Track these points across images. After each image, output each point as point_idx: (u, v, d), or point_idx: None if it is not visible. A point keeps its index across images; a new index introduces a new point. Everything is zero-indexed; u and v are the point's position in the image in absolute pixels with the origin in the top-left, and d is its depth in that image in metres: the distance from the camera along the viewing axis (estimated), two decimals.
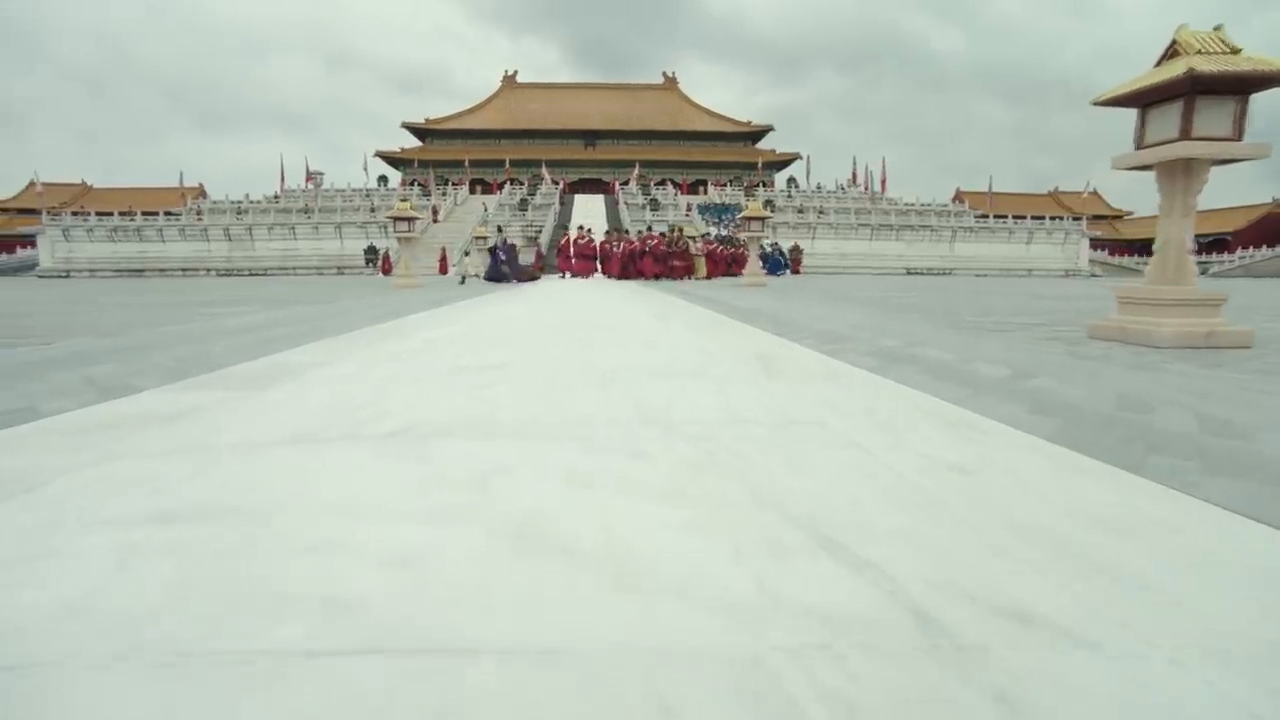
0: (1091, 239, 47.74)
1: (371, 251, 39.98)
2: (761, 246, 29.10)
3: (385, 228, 43.27)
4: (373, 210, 46.04)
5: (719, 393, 2.35)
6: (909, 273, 41.30)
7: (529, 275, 19.26)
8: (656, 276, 19.58)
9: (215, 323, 5.28)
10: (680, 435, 1.78)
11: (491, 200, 48.33)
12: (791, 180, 57.94)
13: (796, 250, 36.38)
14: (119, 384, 2.75)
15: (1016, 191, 68.48)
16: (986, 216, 47.80)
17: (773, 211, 44.45)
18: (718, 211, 43.49)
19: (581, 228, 23.26)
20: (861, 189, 54.93)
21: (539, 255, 22.39)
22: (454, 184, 60.74)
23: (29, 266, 47.27)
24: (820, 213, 45.51)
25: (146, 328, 5.09)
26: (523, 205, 46.38)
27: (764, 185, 62.31)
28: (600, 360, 3.09)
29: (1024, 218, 47.59)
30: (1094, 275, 43.92)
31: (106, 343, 4.11)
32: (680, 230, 22.98)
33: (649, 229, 25.23)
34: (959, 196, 59.29)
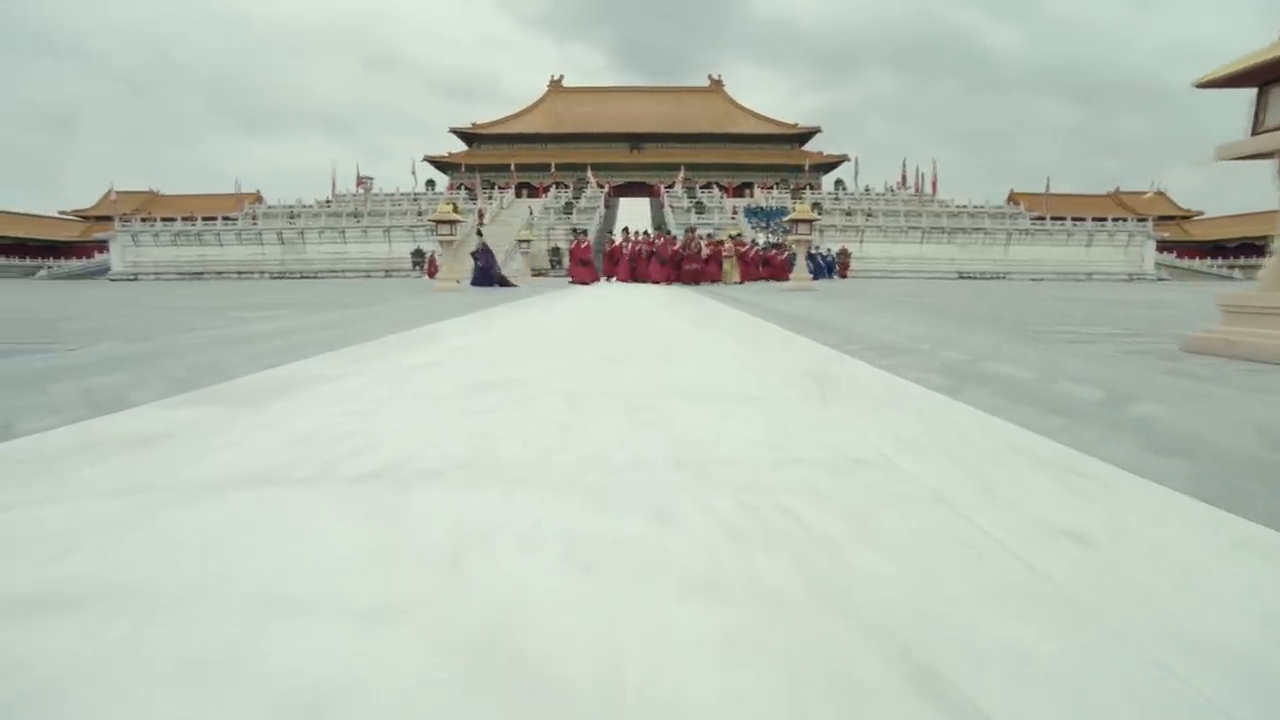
0: (1158, 241, 45.49)
1: (418, 255, 40.56)
2: (753, 242, 27.91)
3: (431, 231, 43.97)
4: (420, 214, 46.77)
5: (765, 421, 1.99)
6: (961, 277, 39.95)
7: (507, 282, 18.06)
8: (667, 282, 18.57)
9: (245, 328, 5.13)
10: (717, 483, 1.44)
11: (537, 204, 48.61)
12: (839, 183, 56.90)
13: (844, 254, 35.55)
14: (116, 397, 2.53)
15: (1075, 192, 65.65)
16: (1043, 218, 46.01)
17: (820, 214, 43.68)
18: (765, 216, 42.30)
19: (576, 231, 22.50)
20: (911, 191, 53.49)
21: (582, 258, 20.98)
22: (500, 188, 61.47)
23: (104, 270, 49.57)
24: (869, 215, 44.47)
25: (174, 333, 4.96)
26: (568, 209, 46.52)
27: (811, 188, 61.33)
28: (632, 377, 2.76)
29: (1084, 219, 45.66)
30: (1160, 279, 41.84)
31: (127, 349, 3.95)
32: (694, 231, 21.80)
33: (687, 230, 23.96)
34: (1013, 198, 57.32)
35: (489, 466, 1.54)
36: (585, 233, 22.42)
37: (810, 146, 71.05)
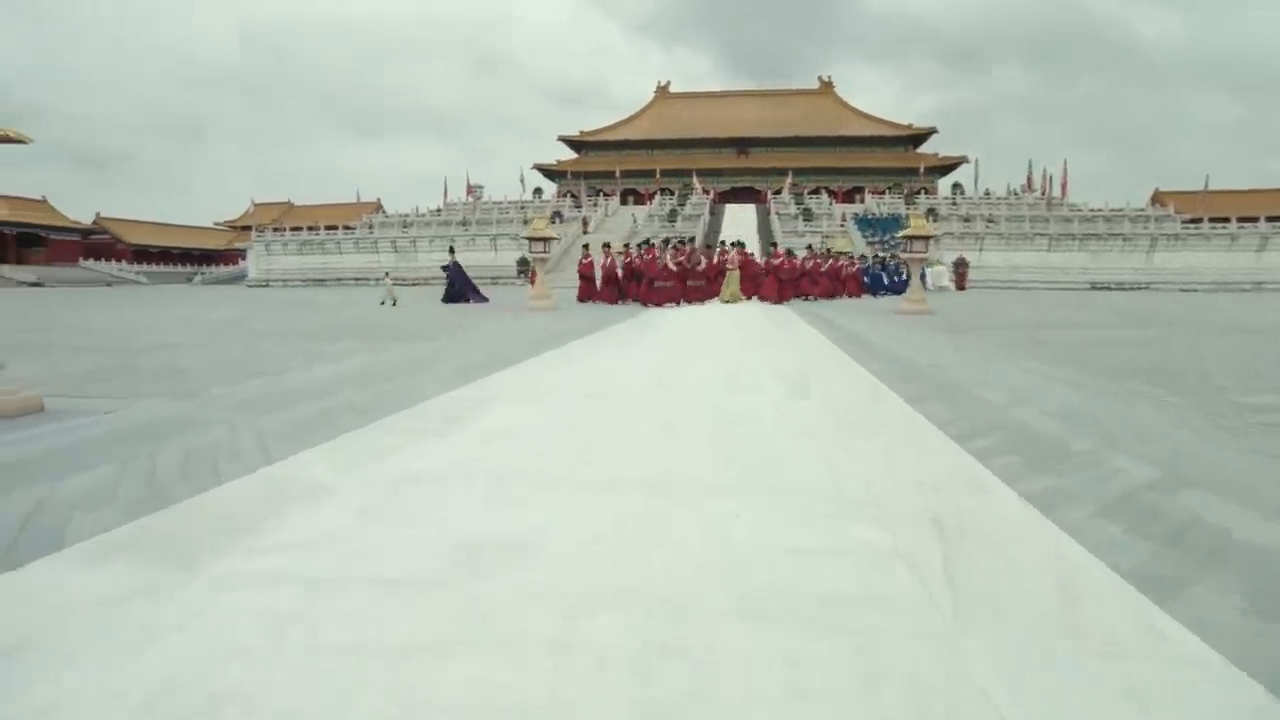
0: None
1: (523, 263, 41.25)
2: (861, 257, 25.41)
3: (553, 219, 44.78)
4: (525, 223, 47.71)
5: (858, 664, 1.26)
6: (1093, 288, 36.29)
7: (481, 297, 16.87)
8: (656, 303, 14.92)
9: (293, 378, 4.82)
10: None
11: (641, 211, 48.49)
12: (957, 186, 53.48)
13: (961, 263, 33.03)
14: (51, 529, 2.05)
15: (1238, 189, 58.17)
16: (1198, 221, 41.12)
17: (935, 220, 40.98)
18: (879, 227, 39.60)
19: (603, 246, 18.23)
20: (1038, 194, 49.39)
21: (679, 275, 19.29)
22: (606, 194, 61.97)
23: (244, 276, 53.91)
24: (989, 221, 41.29)
25: (228, 380, 4.72)
26: (672, 216, 46.07)
27: (925, 192, 58.03)
28: (672, 531, 2.08)
29: (1255, 219, 40.40)
30: None
31: (152, 415, 3.67)
32: (690, 241, 19.49)
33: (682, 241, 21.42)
34: (1158, 198, 51.72)
35: None
36: (586, 246, 18.51)
37: (926, 148, 67.35)
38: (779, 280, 17.32)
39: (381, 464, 2.66)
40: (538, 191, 61.61)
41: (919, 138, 67.14)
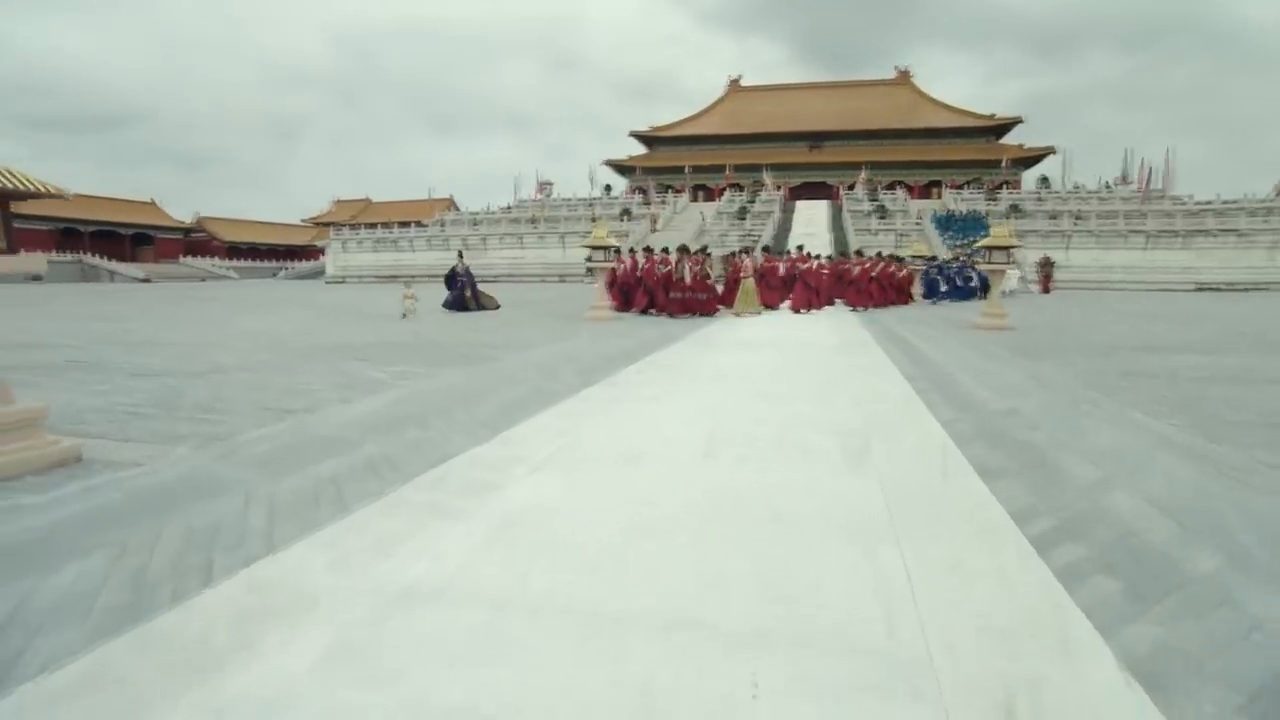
0: None
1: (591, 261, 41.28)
2: (904, 260, 22.74)
3: (612, 229, 44.78)
4: (593, 220, 47.82)
5: None
6: (1199, 289, 33.59)
7: (494, 304, 16.03)
8: (667, 312, 14.12)
9: (324, 418, 4.71)
10: None
11: (709, 209, 47.83)
12: (1043, 180, 50.51)
13: (1046, 264, 31.13)
14: (5, 659, 1.87)
15: None
16: None
17: (1018, 217, 38.78)
18: (960, 228, 36.96)
19: (631, 251, 16.98)
20: (1134, 187, 46.03)
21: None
22: (675, 191, 61.54)
23: (323, 272, 56.22)
24: (1078, 218, 38.75)
25: (264, 419, 4.66)
26: (741, 214, 45.30)
27: (1008, 185, 55.09)
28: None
29: None
30: None
31: (176, 473, 3.59)
32: (704, 250, 16.57)
33: (795, 249, 18.52)
34: None
35: None
36: (618, 250, 17.02)
37: (1009, 139, 63.98)
38: (806, 287, 15.80)
39: (377, 567, 2.43)
40: (607, 188, 61.71)
41: (1002, 128, 63.85)
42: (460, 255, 16.80)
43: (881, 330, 11.23)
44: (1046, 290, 28.76)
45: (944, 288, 21.99)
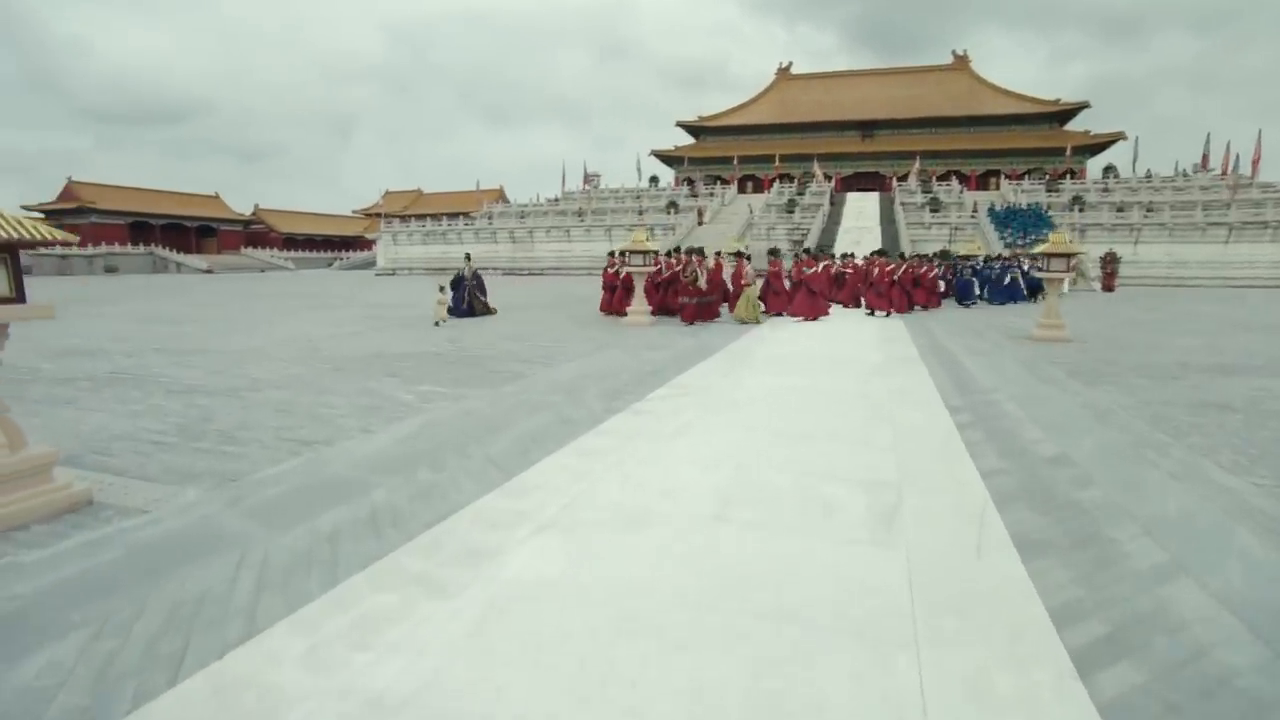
0: None
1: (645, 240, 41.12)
2: (937, 257, 20.80)
3: (651, 230, 44.59)
4: (640, 213, 47.63)
5: None
6: None
7: (486, 309, 15.09)
8: (682, 318, 13.55)
9: (341, 451, 4.65)
10: None
11: (758, 201, 47.06)
12: (1109, 169, 48.00)
13: (1110, 259, 29.50)
14: None
15: None
16: None
17: (1081, 210, 37.00)
18: (1020, 224, 34.66)
19: (612, 254, 16.08)
20: (1217, 172, 43.33)
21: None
22: (724, 182, 60.78)
23: (373, 263, 57.49)
24: (1148, 210, 36.62)
25: (274, 456, 4.62)
26: (790, 207, 44.43)
27: (1072, 175, 52.67)
28: None
29: None
30: None
31: (181, 523, 3.55)
32: (697, 252, 15.23)
33: (808, 251, 17.21)
34: None
35: None
36: (613, 253, 16.19)
37: (1075, 125, 61.11)
38: (810, 293, 14.52)
39: (352, 661, 2.29)
40: (654, 180, 61.30)
41: (1066, 114, 60.99)
42: (467, 258, 15.97)
43: (929, 342, 10.74)
44: (1110, 288, 27.26)
45: (979, 290, 20.46)
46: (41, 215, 64.87)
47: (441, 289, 14.12)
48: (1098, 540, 3.19)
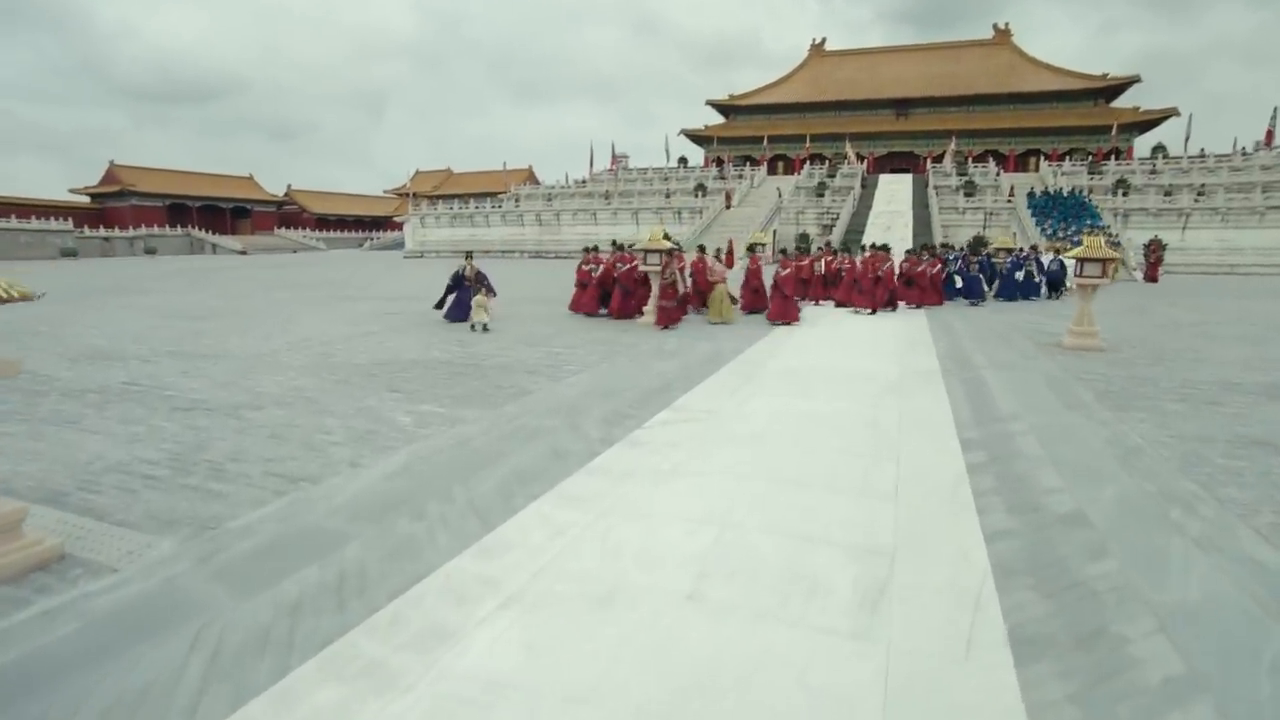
0: None
1: (664, 239, 40.70)
2: (930, 249, 19.03)
3: (679, 213, 44.13)
4: (667, 196, 47.12)
5: None
6: None
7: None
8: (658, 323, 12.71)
9: (322, 494, 4.56)
10: None
11: (788, 183, 46.18)
12: (1159, 149, 45.98)
13: (1155, 246, 28.32)
14: None
15: None
16: None
17: (1125, 194, 35.56)
18: (1062, 213, 32.50)
19: (588, 249, 15.59)
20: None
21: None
22: (754, 163, 59.74)
23: (403, 244, 58.01)
24: (1199, 193, 35.01)
25: (257, 496, 4.55)
26: (820, 190, 43.53)
27: (1116, 155, 50.63)
28: None
29: None
30: None
31: (142, 589, 3.50)
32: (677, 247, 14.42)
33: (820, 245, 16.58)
34: None
35: None
36: (595, 249, 15.83)
37: (1122, 102, 58.65)
38: (782, 296, 13.72)
39: None
40: (683, 160, 60.56)
41: (1114, 90, 58.55)
42: (469, 257, 14.09)
43: (951, 350, 10.35)
44: (1153, 279, 26.12)
45: (961, 285, 18.11)
46: (88, 198, 66.52)
47: (484, 289, 12.79)
48: (1105, 638, 2.93)
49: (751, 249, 17.79)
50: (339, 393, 7.46)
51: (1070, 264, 18.96)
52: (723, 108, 69.69)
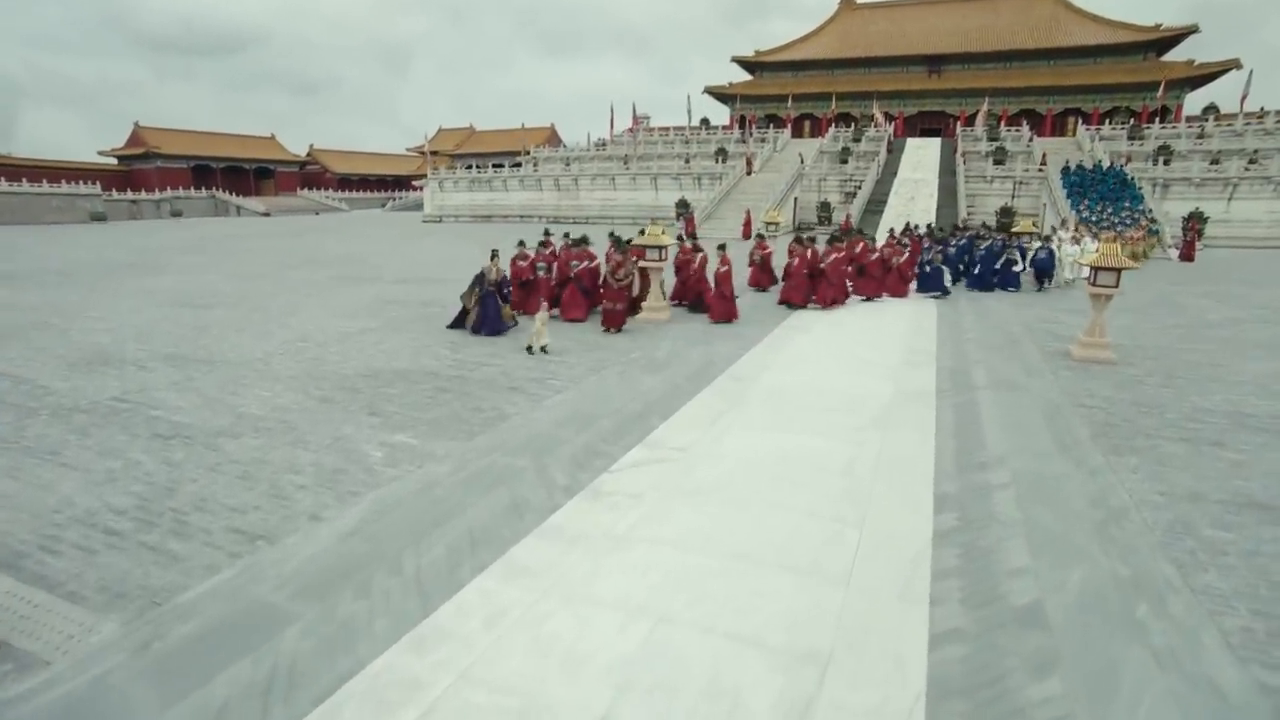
0: None
1: (683, 205, 40.21)
2: (911, 232, 18.49)
3: (698, 179, 43.31)
4: (686, 161, 46.19)
5: None
6: None
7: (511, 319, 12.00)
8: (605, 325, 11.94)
9: (278, 556, 4.56)
10: None
11: (810, 148, 44.92)
12: (1211, 109, 43.68)
13: (1193, 221, 27.07)
14: None
15: None
16: None
17: (1167, 163, 33.95)
18: (1101, 192, 29.41)
19: (522, 243, 14.02)
20: None
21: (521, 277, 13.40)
22: (779, 123, 58.11)
23: (420, 206, 57.90)
24: (1251, 160, 33.29)
25: (220, 556, 4.57)
26: (844, 156, 42.30)
27: (1164, 115, 48.17)
28: None
29: None
30: None
31: (71, 694, 3.51)
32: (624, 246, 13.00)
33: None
34: None
35: None
36: (546, 236, 14.81)
37: (1176, 55, 55.59)
38: (724, 297, 12.93)
39: None
40: (705, 122, 59.18)
41: (1166, 43, 55.43)
42: (494, 256, 11.88)
43: (953, 364, 10.04)
44: (1189, 257, 24.92)
45: (928, 275, 16.30)
46: (115, 160, 67.17)
47: (547, 305, 11.24)
48: None
49: (760, 236, 17.31)
50: (319, 415, 7.46)
51: (1071, 251, 18.18)
52: (749, 64, 67.68)
